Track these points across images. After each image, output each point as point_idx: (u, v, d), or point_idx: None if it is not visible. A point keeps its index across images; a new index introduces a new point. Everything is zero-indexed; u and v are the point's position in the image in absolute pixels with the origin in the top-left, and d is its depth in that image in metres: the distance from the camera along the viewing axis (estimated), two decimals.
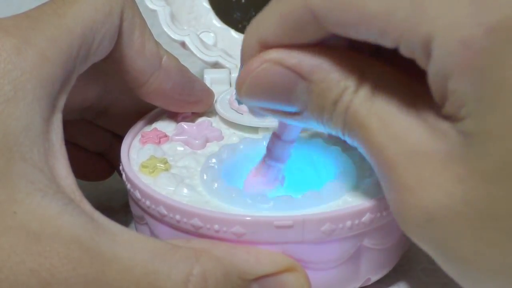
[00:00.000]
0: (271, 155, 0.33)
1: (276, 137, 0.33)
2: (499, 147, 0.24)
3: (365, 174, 0.34)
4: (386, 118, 0.27)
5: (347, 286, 0.34)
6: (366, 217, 0.32)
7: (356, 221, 0.31)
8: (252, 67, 0.29)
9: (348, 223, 0.31)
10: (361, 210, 0.31)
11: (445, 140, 0.26)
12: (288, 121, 0.31)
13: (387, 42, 0.26)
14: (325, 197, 0.32)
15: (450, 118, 0.26)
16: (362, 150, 0.29)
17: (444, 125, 0.26)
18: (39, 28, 0.31)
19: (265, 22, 0.29)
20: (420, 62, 0.26)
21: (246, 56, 0.30)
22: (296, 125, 0.32)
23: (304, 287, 0.31)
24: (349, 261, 0.32)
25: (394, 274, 0.36)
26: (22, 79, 0.29)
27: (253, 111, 0.31)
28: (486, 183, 0.25)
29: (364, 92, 0.28)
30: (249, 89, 0.29)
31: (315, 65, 0.28)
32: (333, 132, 0.29)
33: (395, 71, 0.28)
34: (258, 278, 0.30)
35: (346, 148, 0.36)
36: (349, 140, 0.29)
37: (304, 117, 0.30)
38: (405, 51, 0.26)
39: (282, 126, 0.32)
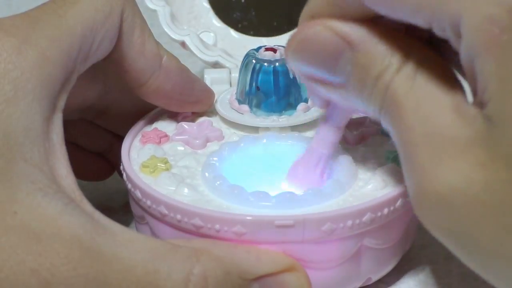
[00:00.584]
0: (322, 141, 0.33)
1: (323, 121, 0.33)
2: None
3: (367, 174, 0.34)
4: (422, 100, 0.27)
5: (348, 285, 0.34)
6: (366, 217, 0.32)
7: (357, 221, 0.31)
8: (304, 28, 0.30)
9: (349, 222, 0.31)
10: (362, 209, 0.31)
11: (472, 126, 0.26)
12: (329, 92, 0.31)
13: (420, 21, 0.26)
14: (327, 195, 0.32)
15: (479, 104, 0.26)
16: (392, 130, 0.29)
17: (474, 112, 0.26)
18: (39, 28, 0.31)
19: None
20: (453, 42, 0.26)
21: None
22: (341, 109, 0.32)
23: (304, 287, 0.31)
24: (349, 261, 0.32)
25: (395, 274, 0.36)
26: (23, 79, 0.30)
27: (298, 73, 0.31)
28: (508, 168, 0.25)
29: (406, 72, 0.28)
30: (297, 49, 0.30)
31: (363, 36, 0.29)
32: (370, 110, 0.29)
33: (440, 59, 0.29)
34: (259, 278, 0.30)
35: (347, 147, 0.36)
36: (383, 120, 0.29)
37: (345, 90, 0.30)
38: (438, 31, 0.26)
39: (330, 110, 0.32)
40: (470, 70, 0.26)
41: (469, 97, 0.27)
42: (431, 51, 0.29)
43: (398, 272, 0.36)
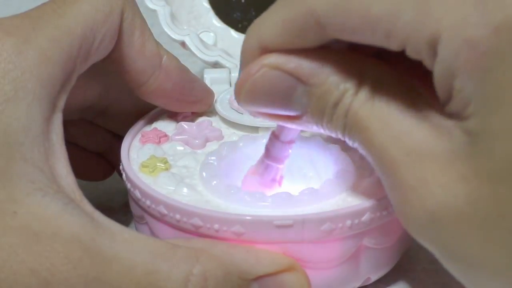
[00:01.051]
0: (269, 154, 0.33)
1: (275, 137, 0.33)
2: (505, 145, 0.24)
3: (365, 173, 0.34)
4: (387, 119, 0.27)
5: (347, 285, 0.34)
6: (366, 217, 0.32)
7: (356, 221, 0.31)
8: (251, 72, 0.29)
9: (348, 222, 0.31)
10: (361, 209, 0.31)
11: (449, 139, 0.26)
12: (288, 124, 0.31)
13: (393, 45, 0.26)
14: (323, 195, 0.32)
15: (454, 116, 0.26)
16: (362, 151, 0.29)
17: (448, 124, 0.26)
18: (39, 28, 0.31)
19: (266, 26, 0.29)
20: (426, 62, 0.26)
21: (245, 60, 0.30)
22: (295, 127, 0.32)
23: (304, 287, 0.31)
24: (349, 261, 0.32)
25: (394, 274, 0.36)
26: (23, 79, 0.30)
27: (253, 115, 0.31)
28: (491, 182, 0.25)
29: (364, 94, 0.28)
30: (248, 94, 0.29)
31: (314, 69, 0.28)
32: (333, 135, 0.29)
33: (396, 72, 0.28)
34: (258, 278, 0.30)
35: (345, 147, 0.36)
36: (349, 142, 0.29)
37: (304, 121, 0.30)
38: (411, 53, 0.26)
39: (281, 126, 0.32)
40: (444, 86, 0.26)
41: None
42: (386, 67, 0.28)
43: (397, 272, 0.36)
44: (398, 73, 0.28)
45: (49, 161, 0.30)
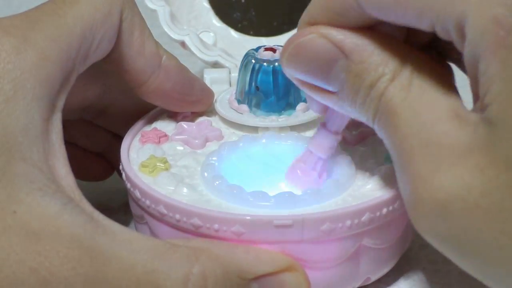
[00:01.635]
0: (313, 142, 0.33)
1: (322, 125, 0.33)
2: None
3: (366, 174, 0.34)
4: (418, 109, 0.27)
5: (347, 285, 0.34)
6: (365, 217, 0.32)
7: (356, 221, 0.31)
8: (298, 35, 0.30)
9: (348, 222, 0.31)
10: (361, 209, 0.31)
11: (471, 132, 0.26)
12: (323, 99, 0.31)
13: (424, 24, 0.26)
14: (325, 195, 0.32)
15: (479, 108, 0.26)
16: (386, 139, 0.29)
17: (474, 117, 0.26)
18: (38, 28, 0.31)
19: (314, 6, 0.29)
20: (457, 43, 0.26)
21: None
22: (339, 114, 0.32)
23: (303, 287, 0.31)
24: (348, 261, 0.32)
25: (394, 274, 0.36)
26: (22, 79, 0.30)
27: (292, 80, 0.31)
28: (509, 172, 0.24)
29: (401, 81, 0.28)
30: (291, 56, 0.30)
31: (358, 45, 0.29)
32: (364, 118, 0.29)
33: (435, 64, 0.29)
34: (258, 277, 0.30)
35: (347, 147, 0.36)
36: (377, 128, 0.29)
37: (339, 98, 0.30)
38: (441, 33, 0.26)
39: (328, 114, 0.33)
40: (473, 71, 0.26)
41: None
42: (428, 58, 0.29)
43: (397, 272, 0.36)
44: (437, 64, 0.29)
45: (49, 161, 0.30)
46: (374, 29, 0.29)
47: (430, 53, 0.29)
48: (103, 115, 0.40)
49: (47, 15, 0.32)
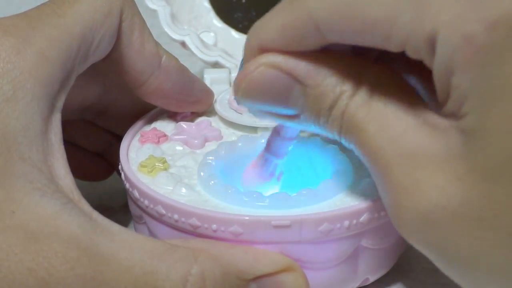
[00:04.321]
0: (269, 149, 0.33)
1: (276, 132, 0.33)
2: (500, 143, 0.24)
3: (363, 174, 0.34)
4: (383, 122, 0.27)
5: (345, 286, 0.34)
6: (364, 217, 0.32)
7: (354, 221, 0.31)
8: (248, 70, 0.29)
9: (346, 223, 0.31)
10: (359, 210, 0.31)
11: (445, 140, 0.26)
12: (286, 123, 0.31)
13: (392, 47, 0.26)
14: (321, 195, 0.32)
15: (451, 116, 0.26)
16: (358, 153, 0.29)
17: (445, 124, 0.26)
18: (38, 28, 0.31)
19: (266, 29, 0.29)
20: (426, 61, 0.26)
21: (246, 59, 0.30)
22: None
23: (302, 287, 0.31)
24: (347, 261, 0.32)
25: (393, 274, 0.36)
26: (21, 79, 0.30)
27: (252, 112, 0.31)
28: (486, 181, 0.25)
29: (361, 96, 0.28)
30: (246, 91, 0.29)
31: (311, 70, 0.28)
32: (330, 135, 0.29)
33: (394, 75, 0.28)
34: (256, 278, 0.30)
35: (344, 147, 0.35)
36: (345, 143, 0.29)
37: (302, 120, 0.30)
38: (411, 53, 0.26)
39: (282, 125, 0.32)
40: (442, 84, 0.26)
41: None
42: (384, 69, 0.28)
43: (396, 272, 0.36)
44: (397, 75, 0.28)
45: (48, 161, 0.30)
46: (325, 49, 0.28)
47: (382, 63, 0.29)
48: (102, 115, 0.40)
49: (47, 15, 0.32)
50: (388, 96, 0.27)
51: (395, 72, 0.29)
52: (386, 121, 0.27)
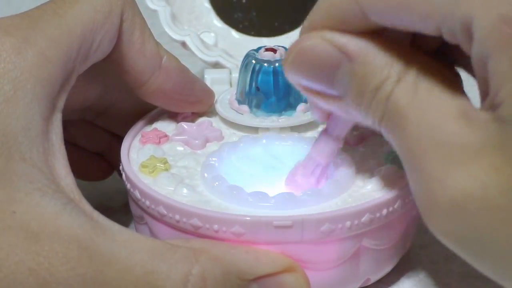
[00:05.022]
0: (314, 147, 0.33)
1: (324, 130, 0.33)
2: None
3: (366, 175, 0.34)
4: (426, 110, 0.27)
5: (347, 286, 0.34)
6: (365, 218, 0.31)
7: (356, 222, 0.31)
8: (301, 40, 0.29)
9: (348, 223, 0.31)
10: (361, 210, 0.31)
11: (483, 131, 0.25)
12: (328, 104, 0.30)
13: (429, 28, 0.26)
14: (326, 195, 0.32)
15: (490, 107, 0.25)
16: (393, 141, 0.28)
17: (484, 116, 0.26)
18: (39, 28, 0.31)
19: (317, 10, 0.29)
20: (464, 46, 0.26)
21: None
22: (341, 120, 0.32)
23: None
24: (348, 262, 0.32)
25: (394, 274, 0.36)
26: (22, 79, 0.30)
27: (296, 86, 0.31)
28: None
29: (407, 82, 0.28)
30: (294, 62, 0.30)
31: (362, 48, 0.28)
32: (369, 121, 0.29)
33: (441, 65, 0.28)
34: (258, 278, 0.30)
35: (347, 148, 0.36)
36: (384, 131, 0.29)
37: (344, 103, 0.29)
38: (448, 36, 0.26)
39: (330, 120, 0.32)
40: (481, 72, 0.25)
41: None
42: (433, 60, 0.28)
43: (397, 272, 0.36)
44: (444, 66, 0.28)
45: (48, 161, 0.30)
46: (378, 34, 0.29)
47: (437, 58, 0.29)
48: (103, 115, 0.40)
49: (48, 15, 0.32)
50: (432, 86, 0.27)
51: (444, 64, 0.29)
52: (428, 110, 0.27)
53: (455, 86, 0.28)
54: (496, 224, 0.25)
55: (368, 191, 0.33)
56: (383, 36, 0.29)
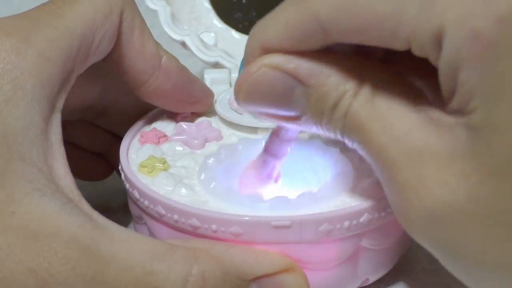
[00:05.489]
0: (268, 150, 0.33)
1: (274, 133, 0.33)
2: (508, 139, 0.24)
3: (364, 175, 0.34)
4: (387, 120, 0.27)
5: (346, 286, 0.34)
6: (364, 218, 0.31)
7: (354, 222, 0.31)
8: (250, 71, 0.29)
9: (346, 223, 0.31)
10: (359, 210, 0.31)
11: (451, 137, 0.26)
12: (287, 125, 0.31)
13: (398, 44, 0.26)
14: (320, 198, 0.32)
15: (457, 113, 0.26)
16: (362, 152, 0.29)
17: (450, 121, 0.26)
18: (39, 28, 0.31)
19: (269, 28, 0.29)
20: (432, 58, 0.26)
21: (247, 60, 0.30)
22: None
23: None
24: (347, 262, 0.32)
25: (393, 274, 0.36)
26: (22, 79, 0.30)
27: (253, 114, 0.31)
28: (493, 178, 0.25)
29: (364, 95, 0.28)
30: (247, 93, 0.29)
31: (313, 70, 0.28)
32: (332, 136, 0.29)
33: (397, 74, 0.28)
34: (257, 278, 0.30)
35: (344, 148, 0.35)
36: (348, 143, 0.29)
37: (303, 122, 0.30)
38: (416, 50, 0.26)
39: (280, 124, 0.32)
40: (449, 80, 0.25)
41: None
42: (386, 69, 0.28)
43: (397, 272, 0.36)
44: (399, 74, 0.28)
45: (48, 161, 0.30)
46: (327, 49, 0.28)
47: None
48: (102, 115, 0.40)
49: (48, 15, 0.32)
50: (391, 95, 0.27)
51: (397, 72, 0.29)
52: (390, 119, 0.27)
53: (414, 92, 0.28)
54: (464, 230, 0.26)
55: (367, 191, 0.33)
56: (332, 50, 0.28)
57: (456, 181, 0.25)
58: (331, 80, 0.28)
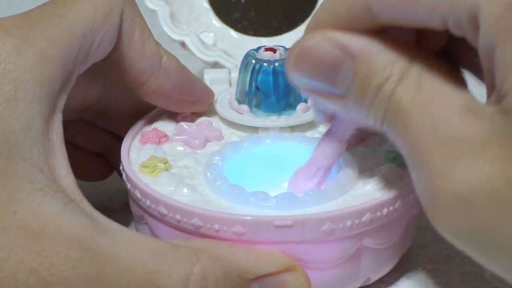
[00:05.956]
0: (317, 148, 0.33)
1: (327, 132, 0.33)
2: None
3: (366, 174, 0.34)
4: (429, 106, 0.27)
5: (347, 285, 0.34)
6: (366, 217, 0.32)
7: (356, 221, 0.31)
8: (303, 40, 0.29)
9: (348, 222, 0.31)
10: (361, 209, 0.31)
11: (487, 124, 0.25)
12: (330, 104, 0.30)
13: (435, 21, 0.26)
14: (327, 196, 0.32)
15: (496, 101, 0.25)
16: (397, 139, 0.28)
17: (489, 110, 0.25)
18: (39, 28, 0.31)
19: (322, 10, 0.29)
20: (470, 37, 0.26)
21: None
22: (345, 120, 0.32)
23: (304, 287, 0.31)
24: (349, 261, 0.32)
25: (394, 273, 0.36)
26: (22, 79, 0.30)
27: (298, 86, 0.31)
28: None
29: (410, 80, 0.28)
30: (296, 61, 0.30)
31: (364, 46, 0.28)
32: (372, 120, 0.29)
33: (443, 63, 0.28)
34: (258, 278, 0.30)
35: (347, 148, 0.36)
36: (386, 130, 0.29)
37: (347, 101, 0.29)
38: (454, 28, 0.26)
39: (332, 122, 0.33)
40: (488, 64, 0.25)
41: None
42: (436, 58, 0.28)
43: (398, 272, 0.36)
44: (446, 64, 0.28)
45: (49, 161, 0.30)
46: (382, 33, 0.29)
47: (441, 58, 0.29)
48: (103, 115, 0.40)
49: (48, 15, 0.32)
50: (436, 82, 0.27)
51: (446, 62, 0.29)
52: (432, 106, 0.27)
53: (459, 83, 0.28)
54: (503, 217, 0.25)
55: (369, 191, 0.33)
56: (387, 35, 0.29)
57: (492, 167, 0.24)
58: (380, 60, 0.28)
